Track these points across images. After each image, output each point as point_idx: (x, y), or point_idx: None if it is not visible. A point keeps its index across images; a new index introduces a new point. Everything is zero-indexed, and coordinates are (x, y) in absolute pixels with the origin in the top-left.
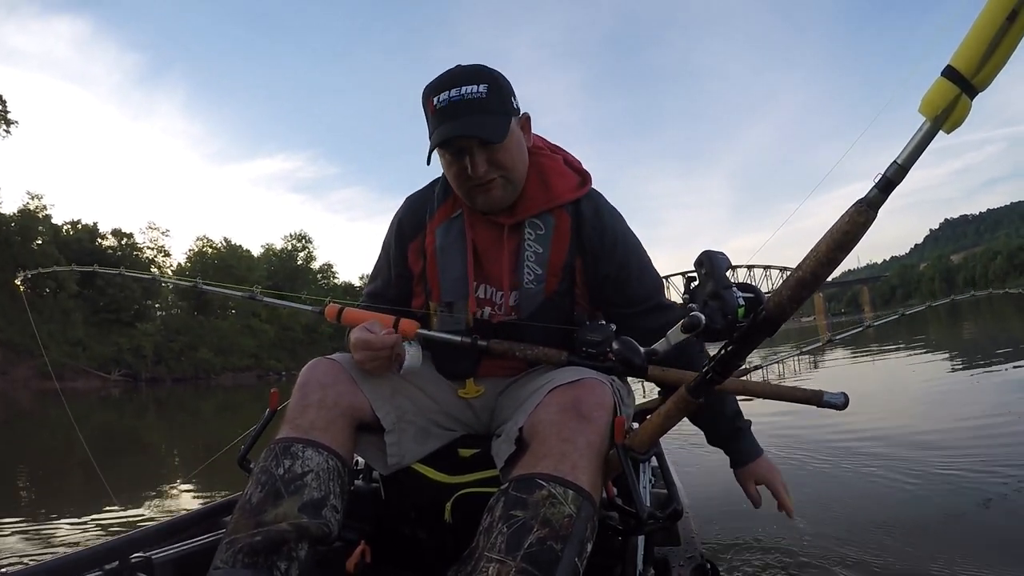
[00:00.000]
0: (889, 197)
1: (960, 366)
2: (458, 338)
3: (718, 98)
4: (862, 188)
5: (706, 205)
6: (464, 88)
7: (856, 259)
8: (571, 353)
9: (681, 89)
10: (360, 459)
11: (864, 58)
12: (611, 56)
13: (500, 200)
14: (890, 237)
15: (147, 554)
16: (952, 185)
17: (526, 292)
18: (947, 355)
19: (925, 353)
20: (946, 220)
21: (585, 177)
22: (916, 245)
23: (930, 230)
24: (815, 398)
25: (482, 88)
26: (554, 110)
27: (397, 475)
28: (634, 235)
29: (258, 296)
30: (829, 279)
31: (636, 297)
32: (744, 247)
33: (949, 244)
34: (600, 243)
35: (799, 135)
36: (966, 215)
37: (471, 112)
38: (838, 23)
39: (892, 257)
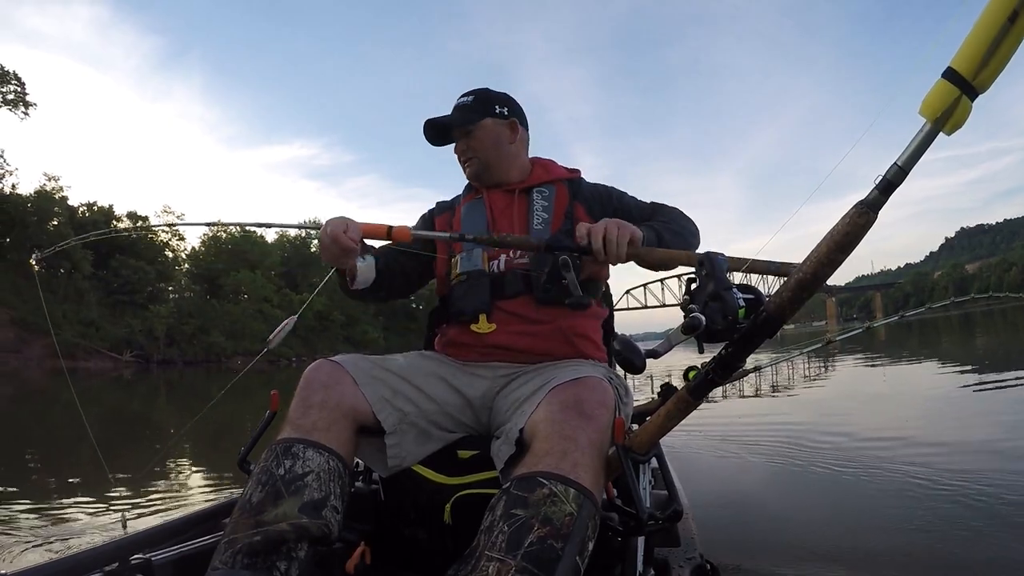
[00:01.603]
0: (892, 200)
1: (972, 378)
2: (446, 234)
3: (731, 98)
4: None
5: (716, 205)
6: (462, 99)
7: (870, 264)
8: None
9: (693, 87)
10: (360, 461)
11: (881, 64)
12: (623, 52)
13: (476, 175)
14: (905, 244)
15: (147, 555)
16: (969, 195)
17: (535, 232)
18: (958, 366)
19: (935, 363)
20: (962, 229)
21: (574, 171)
22: (931, 253)
23: (945, 238)
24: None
25: (471, 99)
26: (565, 104)
27: (397, 476)
28: None
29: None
30: (842, 284)
31: (640, 208)
32: (754, 249)
33: (964, 253)
34: (598, 191)
35: (814, 137)
36: (982, 224)
37: (458, 111)
38: (854, 26)
39: (906, 264)
